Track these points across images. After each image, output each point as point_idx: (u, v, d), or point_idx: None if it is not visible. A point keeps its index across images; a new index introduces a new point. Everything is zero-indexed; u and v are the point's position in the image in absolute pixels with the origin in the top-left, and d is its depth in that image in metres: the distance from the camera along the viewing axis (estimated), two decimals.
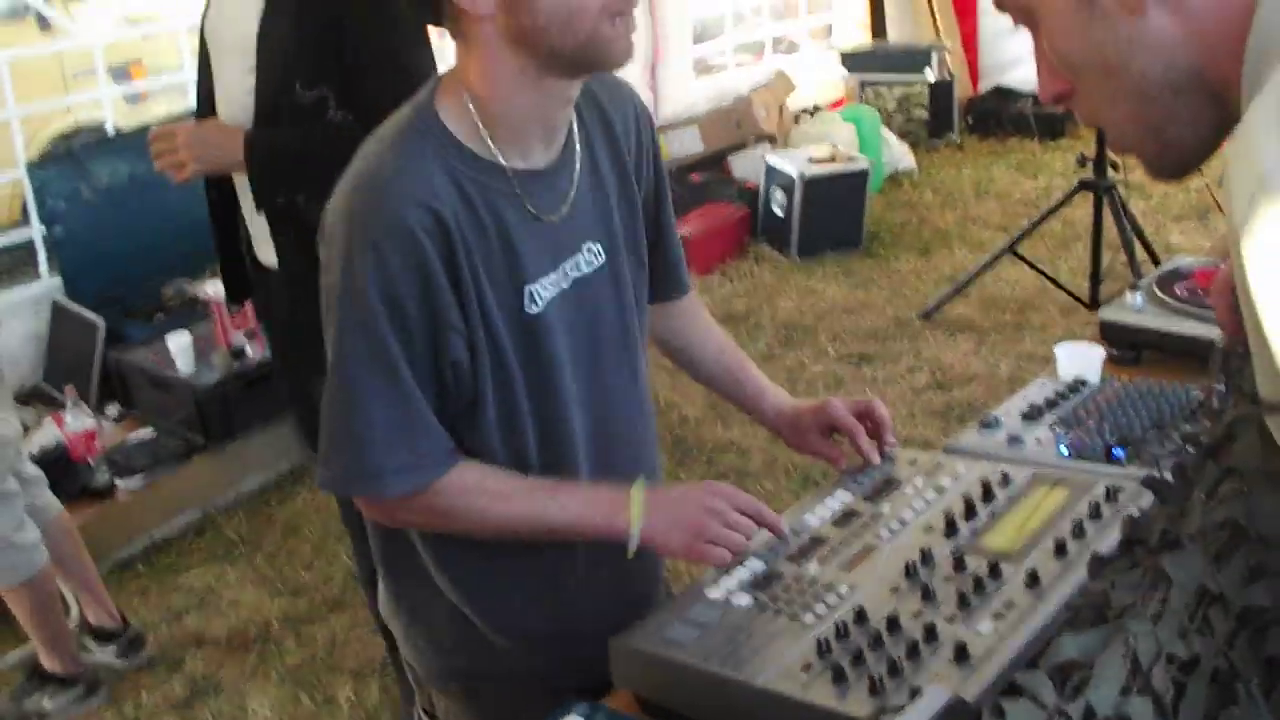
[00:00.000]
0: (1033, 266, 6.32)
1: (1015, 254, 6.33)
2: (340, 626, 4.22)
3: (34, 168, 5.92)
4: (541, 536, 1.94)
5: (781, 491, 4.70)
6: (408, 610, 2.12)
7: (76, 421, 4.82)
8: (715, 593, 1.87)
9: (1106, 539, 1.82)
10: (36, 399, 5.59)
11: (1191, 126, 1.10)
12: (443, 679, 2.14)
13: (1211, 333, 2.23)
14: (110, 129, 6.62)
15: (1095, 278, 6.04)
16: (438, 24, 1.84)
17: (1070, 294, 6.14)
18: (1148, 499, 1.18)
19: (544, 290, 1.90)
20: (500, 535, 1.93)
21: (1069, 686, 1.12)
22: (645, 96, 8.14)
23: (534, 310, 1.89)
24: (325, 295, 1.83)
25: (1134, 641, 1.07)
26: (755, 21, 9.76)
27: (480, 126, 1.83)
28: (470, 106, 1.83)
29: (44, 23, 7.89)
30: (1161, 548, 0.96)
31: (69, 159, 6.01)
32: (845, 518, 2.04)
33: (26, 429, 5.10)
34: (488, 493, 1.90)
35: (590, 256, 1.97)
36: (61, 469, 4.71)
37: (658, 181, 2.13)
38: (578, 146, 1.96)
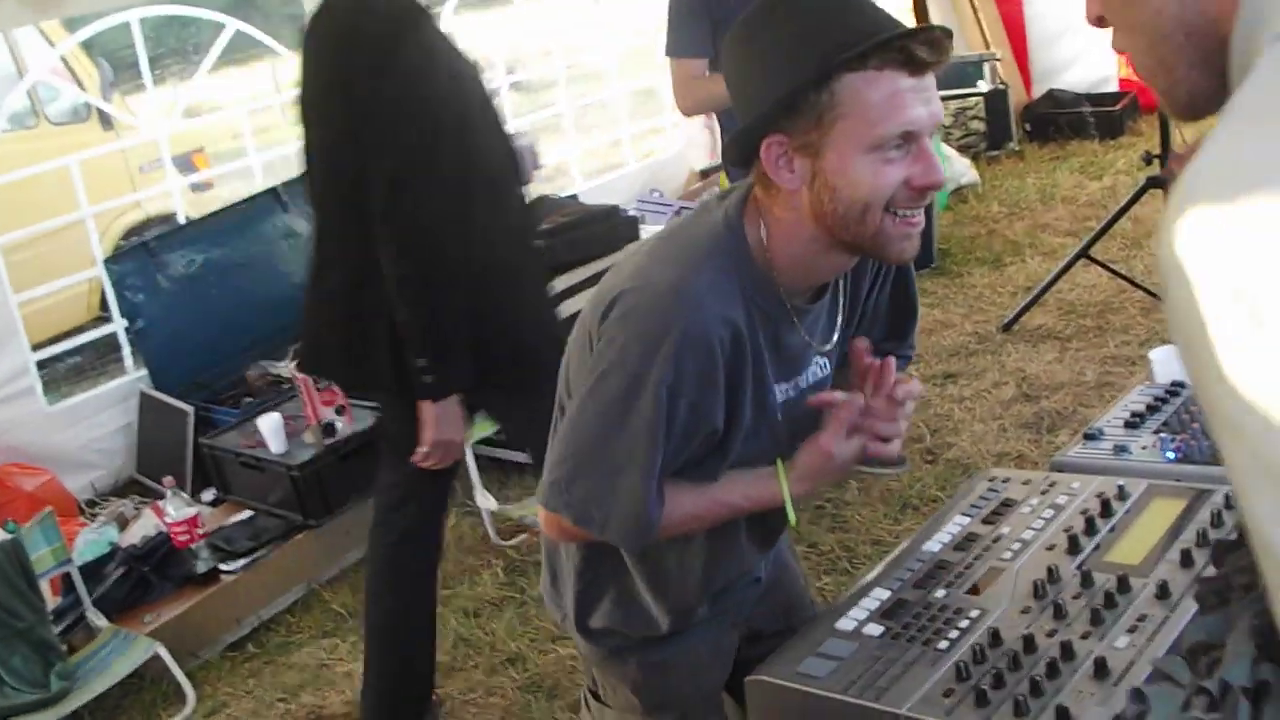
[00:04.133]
0: (1108, 269, 6.28)
1: (1089, 258, 6.29)
2: (455, 689, 4.24)
3: (110, 263, 5.99)
4: (720, 519, 2.11)
5: (880, 519, 4.68)
6: (588, 598, 2.28)
7: (177, 510, 4.86)
8: (846, 624, 1.88)
9: None
10: (133, 490, 5.68)
11: (1201, 70, 1.08)
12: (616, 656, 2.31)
13: None
14: (181, 218, 6.72)
15: None
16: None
17: (1149, 292, 6.08)
18: None
19: (780, 395, 2.08)
20: (688, 529, 2.11)
21: (1203, 665, 1.15)
22: (707, 139, 8.20)
23: (774, 413, 2.07)
24: (595, 363, 1.98)
25: (1256, 619, 1.09)
26: None
27: (768, 258, 1.99)
28: (764, 238, 1.99)
29: (106, 122, 8.04)
30: None
31: (144, 251, 6.07)
32: (966, 541, 2.04)
33: (126, 521, 5.18)
34: (677, 506, 2.04)
35: (816, 369, 2.14)
36: (165, 558, 4.79)
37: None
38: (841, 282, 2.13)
